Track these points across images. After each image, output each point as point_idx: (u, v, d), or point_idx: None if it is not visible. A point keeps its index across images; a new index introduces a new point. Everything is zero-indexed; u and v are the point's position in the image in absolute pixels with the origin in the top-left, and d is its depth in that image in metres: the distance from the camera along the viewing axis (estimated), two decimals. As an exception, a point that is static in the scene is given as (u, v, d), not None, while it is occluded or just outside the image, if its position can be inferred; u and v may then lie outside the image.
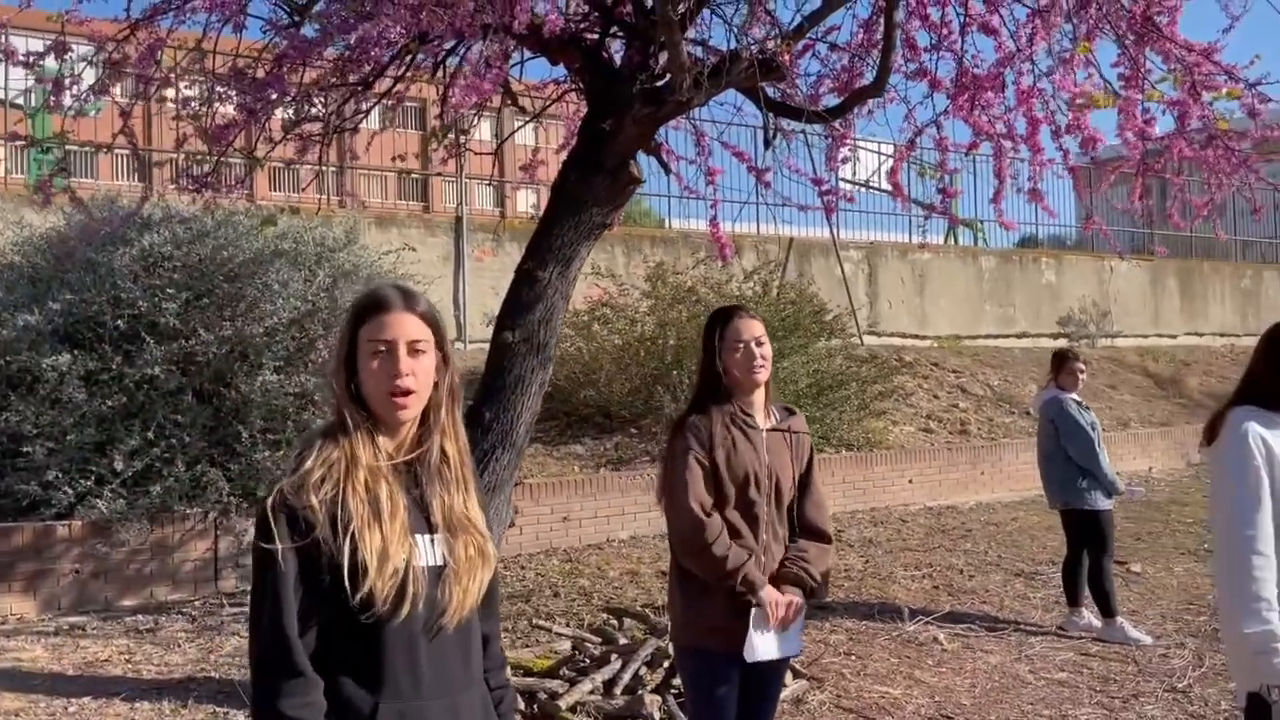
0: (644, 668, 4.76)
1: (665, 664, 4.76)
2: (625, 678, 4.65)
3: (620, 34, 4.90)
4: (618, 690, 4.59)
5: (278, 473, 6.23)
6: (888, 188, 5.48)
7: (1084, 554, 6.15)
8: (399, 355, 1.84)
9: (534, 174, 6.18)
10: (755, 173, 5.10)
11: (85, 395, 6.32)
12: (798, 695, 4.90)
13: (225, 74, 4.91)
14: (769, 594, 2.98)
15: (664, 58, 4.61)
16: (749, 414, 3.11)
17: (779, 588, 3.04)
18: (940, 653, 5.68)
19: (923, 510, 9.76)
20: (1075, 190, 5.62)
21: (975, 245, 15.28)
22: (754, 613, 2.96)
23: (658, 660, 4.81)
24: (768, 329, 3.18)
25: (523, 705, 4.47)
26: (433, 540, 1.86)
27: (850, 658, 5.54)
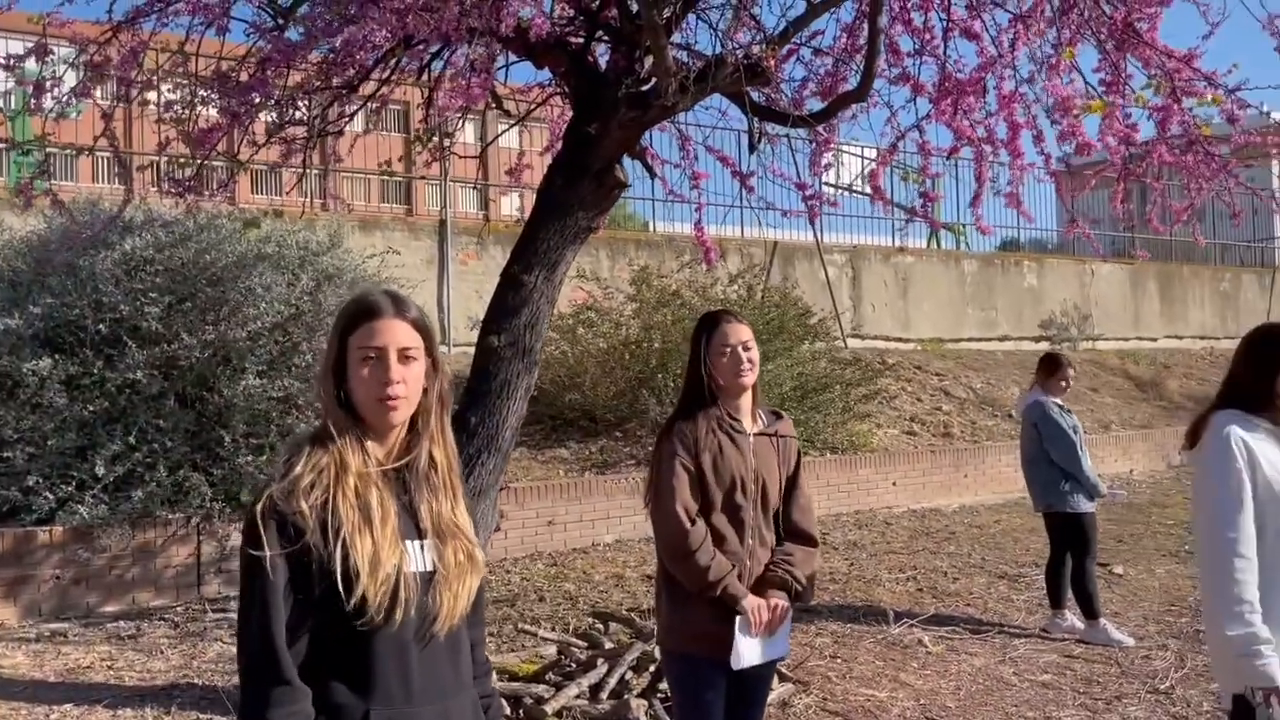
0: (630, 672, 4.75)
1: (651, 668, 4.76)
2: (611, 682, 4.64)
3: (606, 38, 4.90)
4: (604, 695, 4.59)
5: (261, 477, 6.15)
6: (869, 192, 5.51)
7: (1067, 556, 6.19)
8: (390, 363, 1.84)
9: (519, 177, 6.17)
10: (739, 177, 5.11)
11: (66, 400, 6.28)
12: (784, 699, 4.90)
13: (208, 77, 4.88)
14: (751, 602, 2.99)
15: (649, 62, 4.61)
16: (736, 418, 3.12)
17: (764, 591, 3.05)
18: (925, 655, 5.70)
19: (906, 513, 9.79)
20: (1058, 194, 5.65)
21: (958, 249, 15.35)
22: (738, 620, 2.97)
23: (644, 665, 4.80)
24: (753, 333, 3.20)
25: (508, 710, 4.46)
26: (422, 546, 1.86)
27: (836, 661, 5.55)
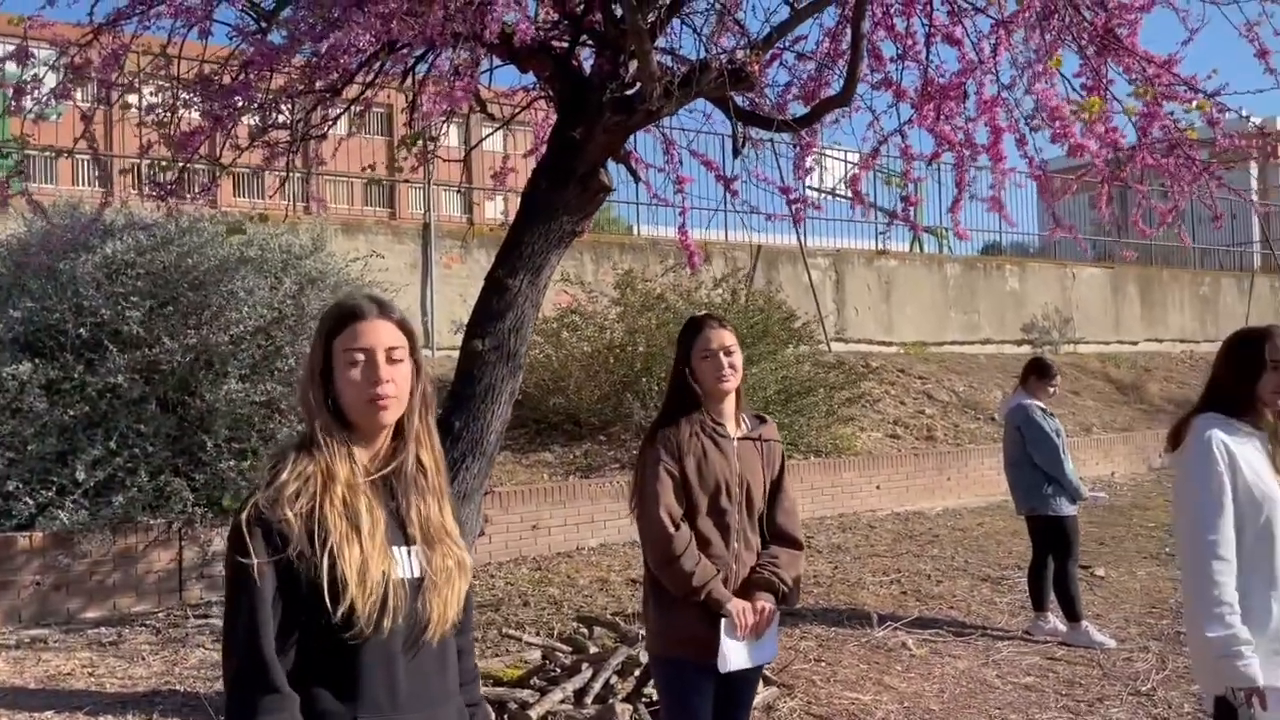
0: (615, 676, 4.75)
1: (636, 672, 4.75)
2: (596, 687, 4.64)
3: (590, 43, 4.90)
4: (589, 699, 4.58)
5: (243, 482, 6.09)
6: (851, 196, 5.52)
7: (1049, 559, 6.22)
8: (378, 363, 1.84)
9: (503, 181, 6.16)
10: (723, 181, 5.11)
11: (46, 404, 6.23)
12: (768, 702, 4.91)
13: (191, 80, 4.85)
14: (736, 605, 2.99)
15: (634, 67, 4.61)
16: (719, 423, 3.12)
17: (750, 593, 3.06)
18: (909, 658, 5.72)
19: (890, 516, 9.82)
20: (1041, 198, 5.69)
21: (940, 252, 15.43)
22: (724, 623, 2.97)
23: (629, 669, 4.80)
24: (736, 336, 3.21)
25: (493, 715, 4.45)
26: (410, 552, 1.85)
27: (820, 664, 5.56)
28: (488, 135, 6.19)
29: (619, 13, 4.52)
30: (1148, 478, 12.22)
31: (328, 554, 1.73)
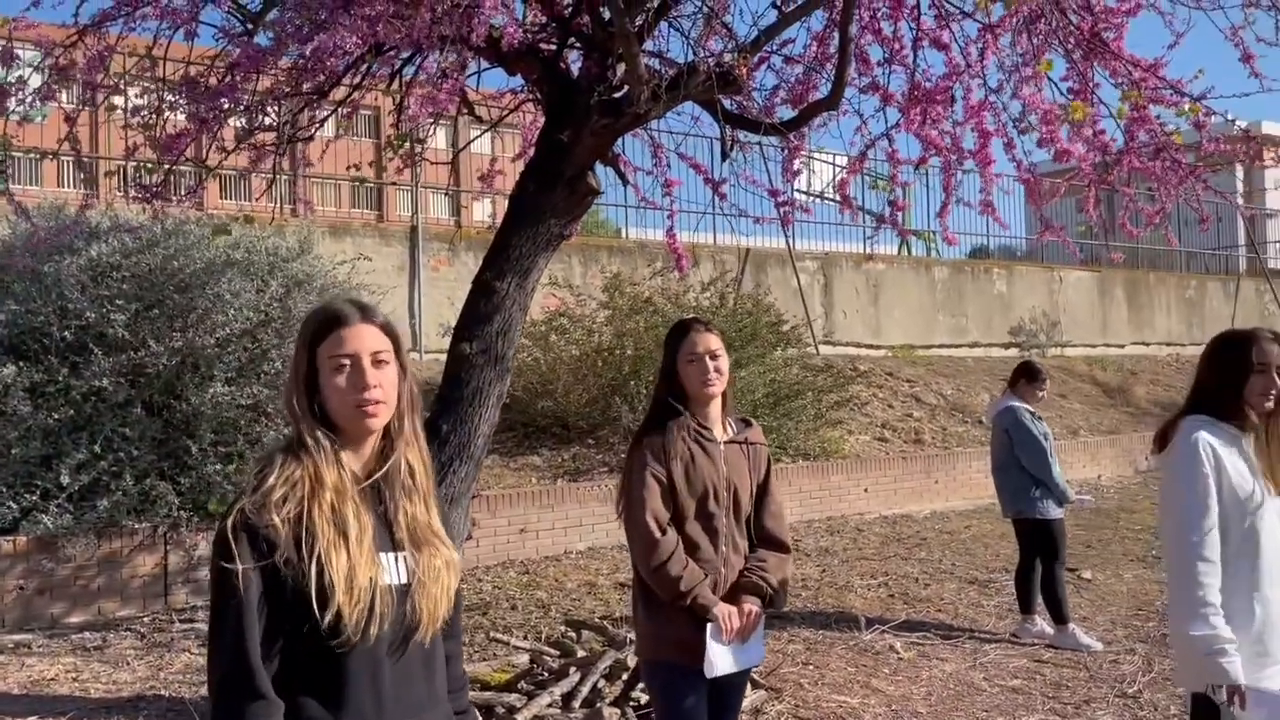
0: (602, 680, 4.74)
1: (624, 676, 4.74)
2: (584, 691, 4.63)
3: (578, 45, 4.90)
4: (576, 703, 4.57)
5: (229, 486, 6.05)
6: (839, 199, 5.53)
7: (1036, 562, 6.23)
8: (364, 367, 1.82)
9: (491, 183, 6.14)
10: (712, 184, 5.11)
11: (30, 408, 6.20)
12: (756, 706, 4.90)
13: (176, 82, 4.83)
14: (721, 609, 2.99)
15: (622, 69, 4.61)
16: (705, 427, 3.12)
17: (737, 597, 3.06)
18: (896, 661, 5.72)
19: (878, 519, 9.84)
20: (1030, 202, 5.69)
21: (928, 256, 15.47)
22: (709, 628, 2.97)
23: (616, 673, 4.79)
24: (725, 340, 3.20)
25: (480, 720, 4.44)
26: (397, 558, 1.84)
27: (808, 667, 5.56)
28: (476, 137, 6.18)
29: (607, 15, 4.51)
30: (1134, 480, 12.27)
31: (315, 560, 1.71)
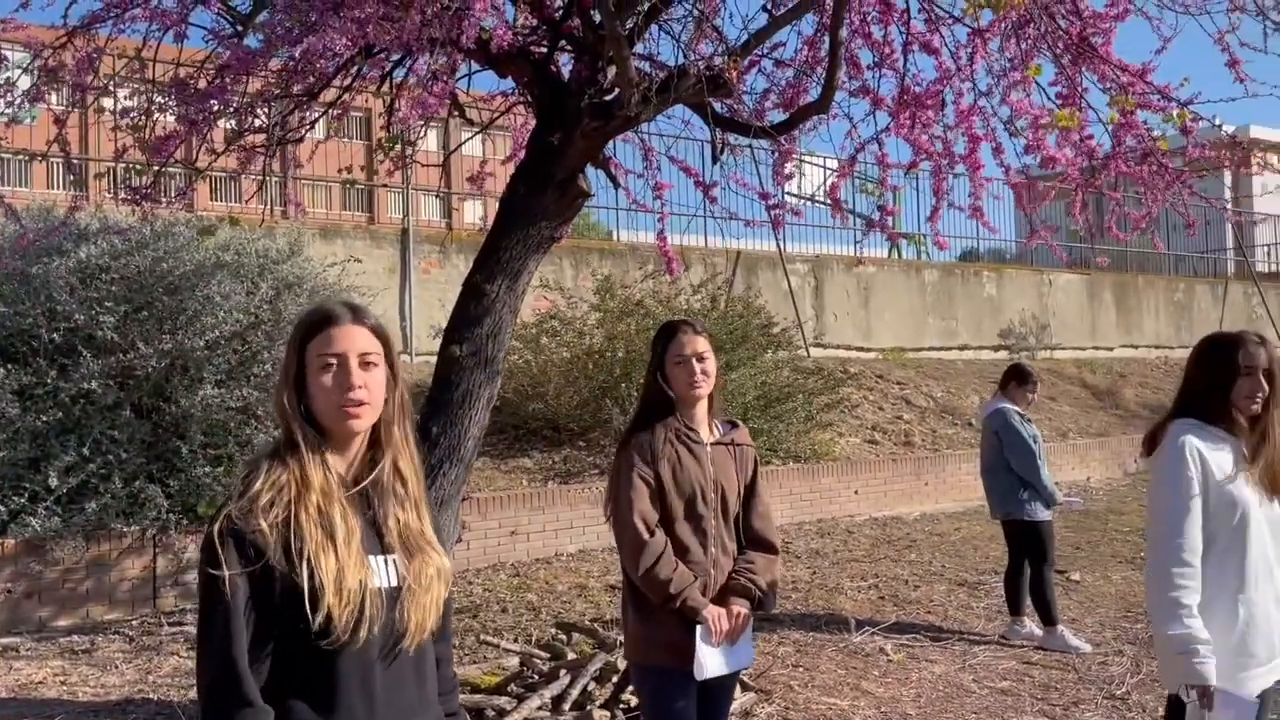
0: (593, 683, 4.73)
1: (614, 679, 4.74)
2: (574, 693, 4.62)
3: (569, 48, 4.90)
4: (566, 706, 4.56)
5: (219, 489, 6.03)
6: (829, 203, 5.54)
7: (1025, 563, 6.25)
8: (350, 368, 1.82)
9: (481, 185, 6.14)
10: (702, 187, 5.12)
11: (19, 410, 6.17)
12: (746, 708, 4.91)
13: (166, 84, 4.82)
14: (710, 612, 3.00)
15: (612, 72, 4.61)
16: (692, 428, 3.13)
17: (726, 598, 3.06)
18: (886, 663, 5.74)
19: (868, 521, 9.85)
20: (1018, 206, 5.71)
21: (919, 259, 15.51)
22: (699, 630, 2.98)
23: (606, 675, 4.79)
24: (716, 342, 3.21)
25: (470, 723, 4.43)
26: (387, 561, 1.84)
27: (798, 669, 5.57)
28: (467, 140, 6.17)
29: (597, 18, 4.52)
30: (1123, 483, 12.32)
31: (305, 564, 1.71)
